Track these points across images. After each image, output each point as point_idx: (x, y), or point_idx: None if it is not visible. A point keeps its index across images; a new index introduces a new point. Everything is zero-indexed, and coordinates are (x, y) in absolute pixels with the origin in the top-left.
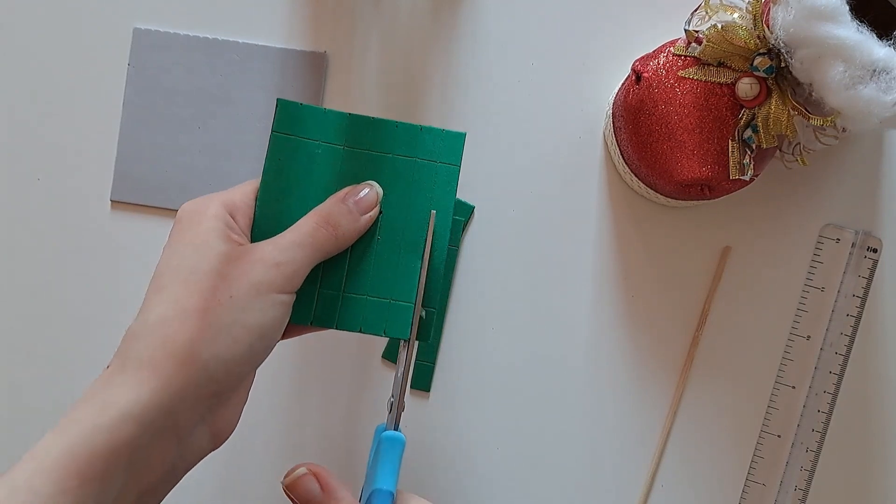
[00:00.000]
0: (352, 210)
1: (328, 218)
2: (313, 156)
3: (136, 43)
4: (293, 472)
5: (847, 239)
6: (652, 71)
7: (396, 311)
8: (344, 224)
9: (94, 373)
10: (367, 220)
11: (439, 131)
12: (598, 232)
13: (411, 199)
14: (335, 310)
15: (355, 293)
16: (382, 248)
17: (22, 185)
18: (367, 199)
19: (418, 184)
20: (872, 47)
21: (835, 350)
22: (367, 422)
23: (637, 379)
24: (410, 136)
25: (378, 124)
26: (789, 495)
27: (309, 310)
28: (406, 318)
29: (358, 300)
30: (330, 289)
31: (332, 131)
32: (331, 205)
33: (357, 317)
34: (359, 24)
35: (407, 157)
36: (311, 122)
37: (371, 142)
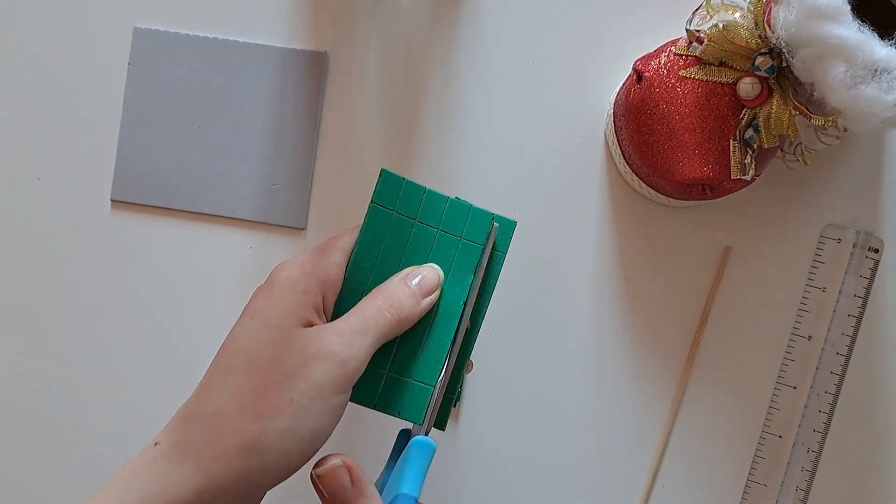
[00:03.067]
0: (415, 293)
1: (392, 300)
2: (407, 234)
3: (137, 42)
4: (326, 463)
5: (848, 239)
6: (653, 70)
7: (413, 391)
8: (407, 307)
9: (94, 373)
10: (427, 304)
11: (488, 214)
12: (599, 231)
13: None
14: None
15: (379, 368)
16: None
17: (22, 185)
18: (429, 281)
19: (451, 262)
20: (874, 47)
21: (836, 350)
22: (369, 427)
23: (638, 379)
24: (471, 216)
25: (450, 204)
26: (790, 496)
27: (375, 393)
28: (422, 402)
29: (377, 374)
30: (393, 371)
31: (429, 210)
32: (394, 286)
33: (372, 393)
34: (359, 24)
35: (448, 233)
36: (412, 198)
37: (442, 220)
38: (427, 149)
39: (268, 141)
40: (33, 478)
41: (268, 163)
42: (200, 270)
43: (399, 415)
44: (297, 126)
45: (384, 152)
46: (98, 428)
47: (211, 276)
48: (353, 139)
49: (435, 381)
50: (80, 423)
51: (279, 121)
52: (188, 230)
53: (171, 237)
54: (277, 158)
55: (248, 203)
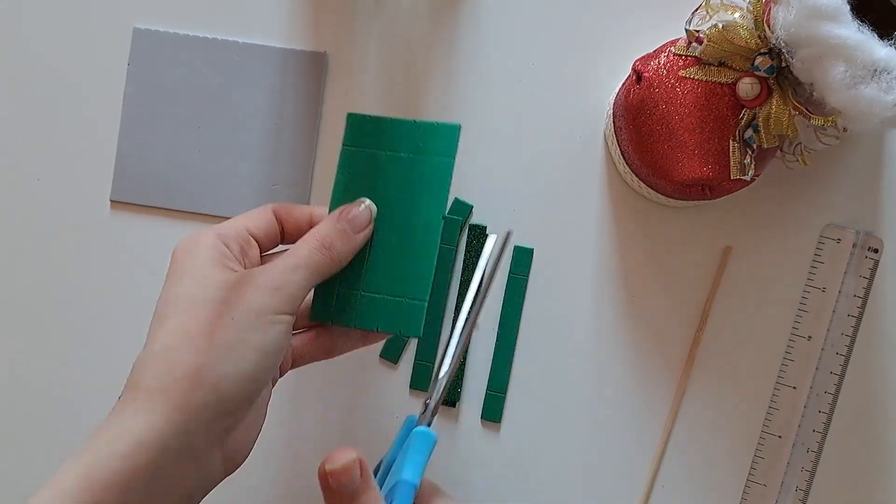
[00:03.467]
0: (346, 230)
1: (323, 240)
2: (378, 165)
3: (136, 43)
4: (342, 457)
5: (848, 239)
6: (653, 71)
7: (409, 309)
8: (339, 245)
9: (94, 373)
10: (361, 239)
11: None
12: (598, 231)
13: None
14: (353, 308)
15: (373, 292)
16: (388, 246)
17: (22, 185)
18: (361, 217)
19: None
20: (874, 47)
21: (836, 350)
22: (366, 420)
23: (638, 379)
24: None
25: (392, 124)
26: (790, 496)
27: (328, 308)
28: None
29: (375, 299)
30: (349, 287)
31: (397, 139)
32: (326, 227)
33: (373, 316)
34: (359, 24)
35: (412, 154)
36: (377, 132)
37: (390, 143)
38: None
39: (268, 141)
40: (33, 477)
41: (268, 163)
42: None
43: (401, 333)
44: (297, 126)
45: None
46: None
47: None
48: None
49: (426, 295)
50: (80, 423)
51: (279, 121)
52: (187, 230)
53: (171, 237)
54: (277, 159)
55: (248, 203)
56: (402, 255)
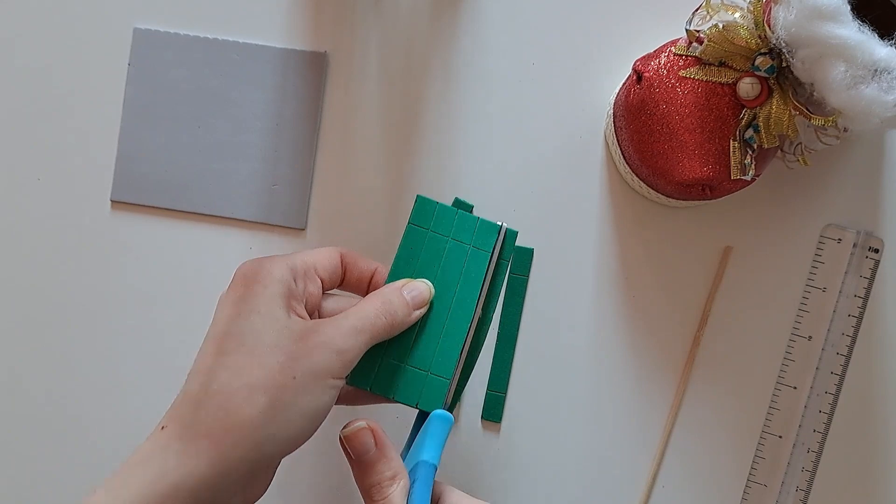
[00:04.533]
0: (408, 303)
1: (388, 306)
2: (441, 250)
3: (137, 43)
4: (352, 425)
5: (848, 239)
6: (653, 71)
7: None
8: (399, 315)
9: (94, 372)
10: (417, 316)
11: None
12: (598, 231)
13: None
14: (394, 380)
15: (416, 367)
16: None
17: (22, 185)
18: (422, 295)
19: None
20: (874, 47)
21: (836, 350)
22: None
23: (638, 379)
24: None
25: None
26: (791, 496)
27: (369, 375)
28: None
29: (395, 367)
30: (392, 359)
31: (462, 229)
32: (391, 293)
33: (390, 384)
34: (359, 24)
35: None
36: (445, 220)
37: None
38: (427, 148)
39: (268, 141)
40: (33, 477)
41: (268, 163)
42: (200, 271)
43: (418, 406)
44: (297, 126)
45: (384, 152)
46: (98, 427)
47: (211, 277)
48: (353, 139)
49: (451, 374)
50: (80, 422)
51: (279, 121)
52: (188, 230)
53: (171, 237)
54: (277, 159)
55: (248, 203)
56: (439, 334)
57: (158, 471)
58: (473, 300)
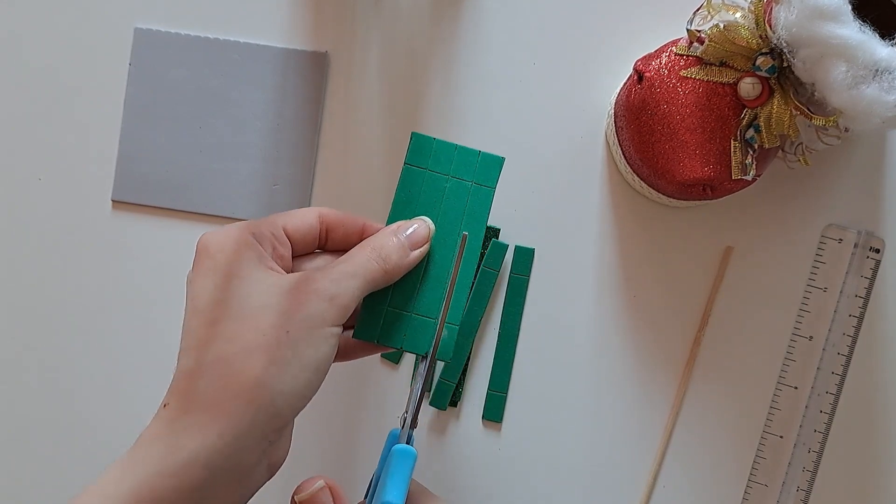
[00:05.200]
0: (403, 245)
1: (380, 251)
2: (441, 190)
3: (137, 43)
4: (309, 486)
5: (849, 239)
6: (654, 70)
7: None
8: (394, 258)
9: (95, 372)
10: (416, 256)
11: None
12: (599, 232)
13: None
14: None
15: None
16: (434, 269)
17: (23, 185)
18: (418, 234)
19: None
20: (875, 47)
21: (837, 350)
22: (366, 422)
23: (639, 379)
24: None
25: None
26: (791, 496)
27: (374, 327)
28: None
29: (378, 310)
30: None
31: (463, 166)
32: (383, 238)
33: (374, 327)
34: (360, 24)
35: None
36: (444, 157)
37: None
38: None
39: (268, 141)
40: (33, 477)
41: (268, 163)
42: None
43: (403, 347)
44: (298, 126)
45: (385, 152)
46: (98, 427)
47: None
48: (354, 139)
49: (438, 314)
50: (81, 422)
51: (280, 121)
52: (189, 230)
53: (172, 237)
54: (278, 158)
55: (249, 203)
56: (441, 279)
57: (168, 447)
58: (479, 240)
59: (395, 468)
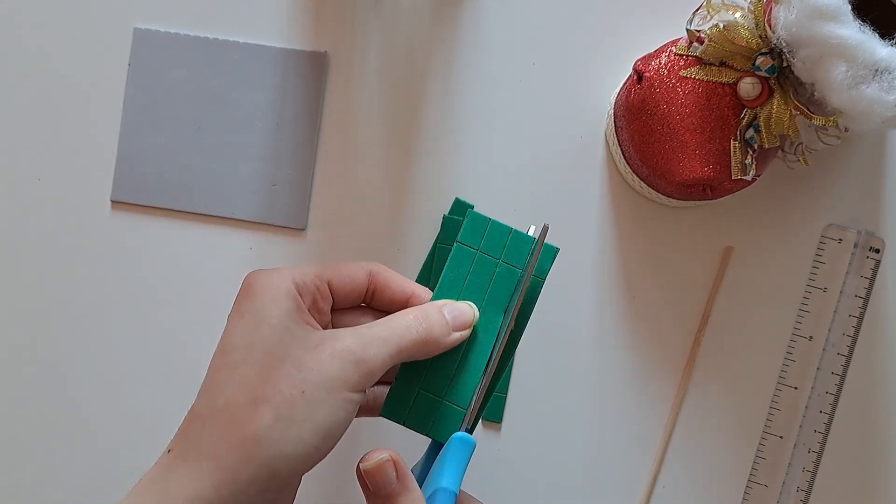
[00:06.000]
0: (447, 323)
1: (423, 320)
2: (491, 273)
3: (137, 43)
4: (374, 457)
5: (849, 239)
6: (654, 70)
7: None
8: (436, 331)
9: (95, 373)
10: (456, 338)
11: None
12: (599, 232)
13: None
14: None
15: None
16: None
17: (22, 185)
18: (464, 317)
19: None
20: (875, 47)
21: (837, 351)
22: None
23: (638, 379)
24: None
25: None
26: (791, 496)
27: (403, 408)
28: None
29: (408, 391)
30: (430, 392)
31: (513, 251)
32: (429, 309)
33: (402, 408)
34: (359, 24)
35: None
36: (496, 238)
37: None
38: (427, 148)
39: (268, 141)
40: (33, 477)
41: (268, 163)
42: (200, 271)
43: (430, 435)
44: (298, 126)
45: (384, 152)
46: (99, 427)
47: (211, 277)
48: (354, 139)
49: (468, 404)
50: (81, 422)
51: (279, 121)
52: (188, 230)
53: (171, 237)
54: (278, 159)
55: (249, 203)
56: (478, 369)
57: (162, 495)
58: (521, 331)
59: (454, 455)
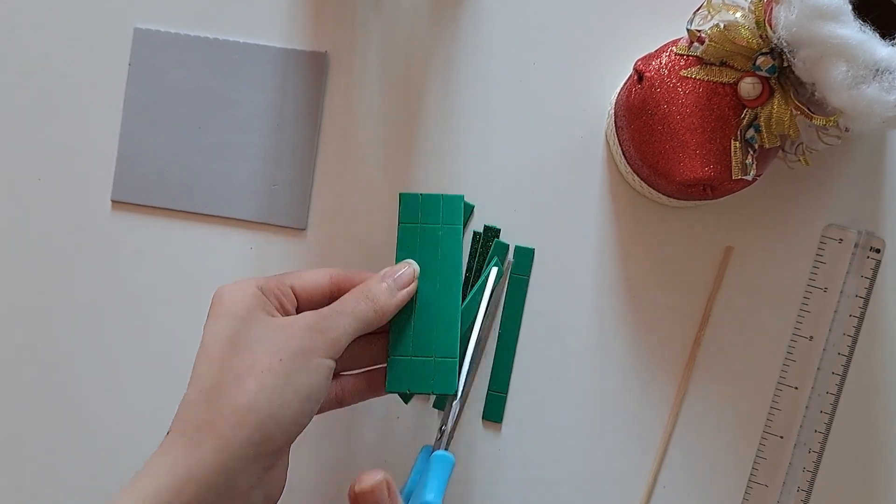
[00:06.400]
0: (390, 287)
1: (368, 293)
2: (436, 238)
3: (137, 43)
4: (370, 479)
5: (850, 239)
6: (654, 70)
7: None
8: (382, 299)
9: (95, 372)
10: (403, 296)
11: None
12: (599, 232)
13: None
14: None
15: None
16: (421, 311)
17: (23, 185)
18: (404, 276)
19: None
20: (875, 47)
21: (837, 350)
22: (367, 423)
23: (639, 379)
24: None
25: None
26: (792, 496)
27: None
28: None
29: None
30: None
31: (448, 212)
32: (371, 283)
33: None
34: (359, 24)
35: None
36: (419, 207)
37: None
38: (427, 149)
39: (268, 141)
40: (33, 477)
41: (268, 163)
42: (201, 271)
43: (434, 391)
44: (298, 126)
45: (384, 152)
46: (98, 427)
47: (211, 277)
48: (354, 139)
49: (456, 352)
50: (81, 422)
51: (279, 121)
52: (188, 230)
53: (171, 237)
54: (278, 159)
55: (249, 203)
56: (435, 318)
57: (167, 467)
58: (459, 275)
59: (435, 471)
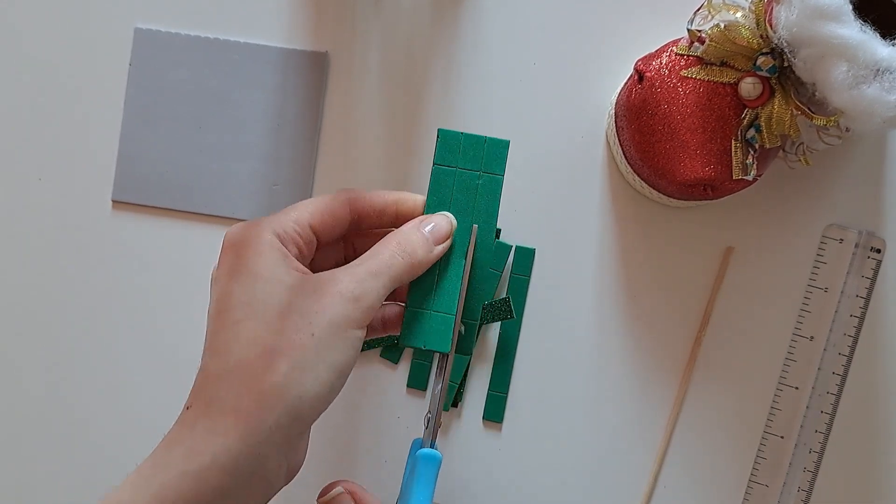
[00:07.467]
0: (428, 240)
1: (405, 245)
2: (474, 186)
3: (138, 43)
4: (329, 492)
5: (850, 239)
6: (654, 70)
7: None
8: (420, 253)
9: (95, 372)
10: (439, 251)
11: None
12: (599, 232)
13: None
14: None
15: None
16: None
17: (23, 185)
18: (442, 229)
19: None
20: (876, 47)
21: (838, 351)
22: (366, 420)
23: (639, 379)
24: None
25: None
26: (792, 496)
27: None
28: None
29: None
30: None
31: (491, 159)
32: (409, 232)
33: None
34: (360, 24)
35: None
36: (472, 152)
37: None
38: (428, 149)
39: (268, 141)
40: (34, 477)
41: (268, 163)
42: (201, 271)
43: (425, 346)
44: (298, 126)
45: (385, 152)
46: (98, 427)
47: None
48: (354, 139)
49: (454, 309)
50: (81, 422)
51: (280, 121)
52: (188, 230)
53: (172, 237)
54: (278, 159)
55: (249, 203)
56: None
57: (189, 452)
58: (491, 232)
59: (421, 473)
